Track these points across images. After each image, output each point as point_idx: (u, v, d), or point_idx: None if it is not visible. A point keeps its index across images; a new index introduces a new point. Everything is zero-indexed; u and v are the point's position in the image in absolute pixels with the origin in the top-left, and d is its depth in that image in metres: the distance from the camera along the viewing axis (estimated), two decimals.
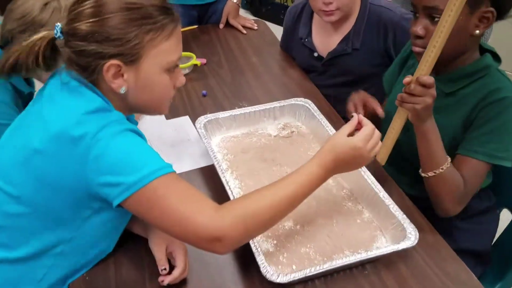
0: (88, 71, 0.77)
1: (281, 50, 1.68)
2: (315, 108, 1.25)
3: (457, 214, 1.06)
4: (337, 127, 1.19)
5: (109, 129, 0.74)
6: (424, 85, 0.90)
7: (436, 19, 0.92)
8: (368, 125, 0.87)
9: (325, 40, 1.48)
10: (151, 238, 0.90)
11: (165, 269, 0.86)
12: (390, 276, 0.92)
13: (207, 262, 0.94)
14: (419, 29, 0.97)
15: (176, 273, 0.85)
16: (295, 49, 1.58)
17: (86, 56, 0.75)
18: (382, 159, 1.02)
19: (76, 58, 0.77)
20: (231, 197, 0.98)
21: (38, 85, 1.25)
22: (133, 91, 0.80)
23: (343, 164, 0.85)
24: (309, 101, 1.28)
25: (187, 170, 1.15)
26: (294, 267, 0.91)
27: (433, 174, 0.97)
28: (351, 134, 0.87)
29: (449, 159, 0.98)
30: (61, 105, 0.78)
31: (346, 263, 0.87)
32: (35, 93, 1.22)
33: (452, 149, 1.01)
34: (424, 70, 0.90)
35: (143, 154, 0.76)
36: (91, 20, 0.74)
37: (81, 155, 0.73)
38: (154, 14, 0.76)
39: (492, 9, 0.92)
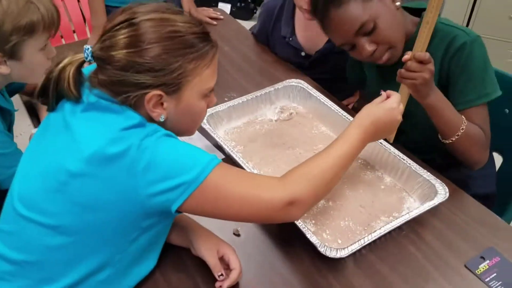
0: (124, 97, 0.73)
1: (253, 37, 1.67)
2: (309, 87, 1.27)
3: (462, 168, 1.12)
4: (334, 102, 1.21)
5: (151, 137, 0.72)
6: (421, 62, 0.92)
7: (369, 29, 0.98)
8: (397, 94, 0.91)
9: (311, 38, 1.46)
10: (198, 245, 0.87)
11: (222, 274, 0.84)
12: (427, 232, 0.97)
13: (250, 253, 0.93)
14: (367, 46, 1.01)
15: (234, 275, 0.83)
16: (278, 47, 1.54)
17: (125, 85, 0.72)
18: (391, 137, 1.04)
19: (112, 85, 0.73)
20: None
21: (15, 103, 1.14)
22: (172, 118, 0.78)
23: (381, 126, 0.87)
24: (301, 81, 1.29)
25: None
26: (339, 241, 0.93)
27: (457, 137, 0.99)
28: None
29: (463, 117, 1.00)
30: (94, 123, 0.73)
31: (392, 228, 0.90)
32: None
33: None
34: (419, 46, 0.93)
35: (191, 152, 0.74)
36: (132, 50, 0.71)
37: (128, 170, 0.69)
38: (195, 42, 0.74)
39: None
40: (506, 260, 0.90)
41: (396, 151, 1.06)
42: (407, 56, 0.94)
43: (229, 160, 1.07)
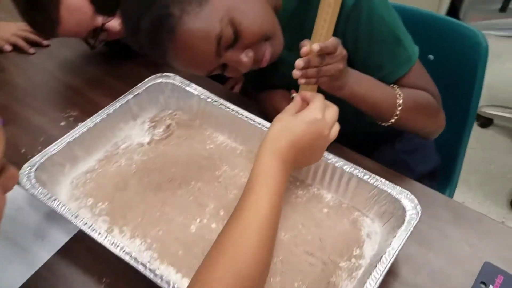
0: None
1: None
2: (185, 81, 0.87)
3: (396, 143, 0.98)
4: (225, 97, 0.84)
5: None
6: (329, 52, 0.65)
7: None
8: (318, 96, 0.64)
9: None
10: None
11: None
12: (400, 265, 0.69)
13: None
14: (244, 57, 0.69)
15: None
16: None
17: None
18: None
19: None
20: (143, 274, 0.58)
21: None
22: None
23: (303, 147, 0.61)
24: (171, 75, 0.88)
25: (51, 255, 0.69)
26: None
27: (396, 116, 0.75)
28: None
29: (395, 86, 0.77)
30: None
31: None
32: None
33: None
34: (323, 34, 0.64)
35: None
36: None
37: None
38: None
39: None
40: (510, 276, 0.66)
41: (326, 153, 0.73)
42: (305, 48, 0.63)
43: (85, 236, 0.64)
